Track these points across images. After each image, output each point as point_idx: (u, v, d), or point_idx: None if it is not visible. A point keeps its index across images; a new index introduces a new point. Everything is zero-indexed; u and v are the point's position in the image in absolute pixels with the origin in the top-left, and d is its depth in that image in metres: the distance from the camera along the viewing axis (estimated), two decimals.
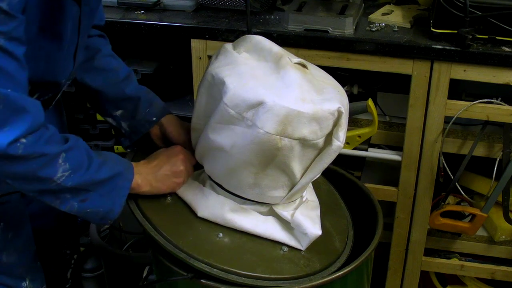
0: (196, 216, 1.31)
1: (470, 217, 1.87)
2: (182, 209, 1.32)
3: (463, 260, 1.99)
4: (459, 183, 1.84)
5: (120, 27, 1.82)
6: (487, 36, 1.64)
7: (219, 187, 1.31)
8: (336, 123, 1.19)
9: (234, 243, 1.28)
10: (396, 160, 1.85)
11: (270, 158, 1.19)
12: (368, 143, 1.86)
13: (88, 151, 1.18)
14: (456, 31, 1.62)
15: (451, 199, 1.95)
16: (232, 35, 1.75)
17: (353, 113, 1.83)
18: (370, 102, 1.77)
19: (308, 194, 1.38)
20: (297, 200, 1.33)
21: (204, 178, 1.35)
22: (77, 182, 1.14)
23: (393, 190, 1.88)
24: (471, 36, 1.61)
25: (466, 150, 1.79)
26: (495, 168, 1.78)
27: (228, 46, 1.29)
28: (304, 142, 1.18)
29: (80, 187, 1.15)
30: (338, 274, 1.25)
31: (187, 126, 1.41)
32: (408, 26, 1.77)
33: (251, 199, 1.29)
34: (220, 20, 1.81)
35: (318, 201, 1.40)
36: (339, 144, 1.20)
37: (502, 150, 1.76)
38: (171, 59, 2.10)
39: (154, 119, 1.47)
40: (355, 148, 1.85)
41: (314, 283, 1.23)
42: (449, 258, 1.99)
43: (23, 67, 1.07)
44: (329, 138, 1.21)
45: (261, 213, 1.31)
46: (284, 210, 1.31)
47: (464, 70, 1.66)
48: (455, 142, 1.81)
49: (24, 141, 1.05)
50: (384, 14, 1.83)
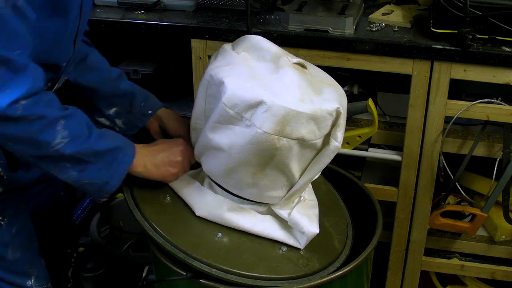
0: (195, 216, 1.31)
1: (470, 217, 1.87)
2: (181, 209, 1.32)
3: (463, 260, 1.98)
4: (459, 183, 1.84)
5: (120, 27, 1.82)
6: (487, 36, 1.64)
7: (217, 186, 1.31)
8: (334, 124, 1.19)
9: (233, 243, 1.28)
10: (396, 160, 1.85)
11: (269, 158, 1.19)
12: (368, 143, 1.86)
13: (88, 122, 1.19)
14: (456, 31, 1.62)
15: (451, 199, 1.95)
16: (232, 35, 1.75)
17: (353, 113, 1.83)
18: (370, 102, 1.77)
19: (307, 194, 1.38)
20: (295, 200, 1.33)
21: (203, 177, 1.35)
22: (75, 150, 1.15)
23: (393, 190, 1.88)
24: (471, 36, 1.60)
25: (466, 150, 1.79)
26: (495, 168, 1.78)
27: (227, 46, 1.29)
28: (302, 142, 1.18)
29: (79, 155, 1.16)
30: (337, 274, 1.25)
31: (186, 120, 1.42)
32: (408, 26, 1.77)
33: (250, 199, 1.29)
34: (220, 20, 1.81)
35: (316, 200, 1.40)
36: (336, 144, 1.21)
37: (502, 150, 1.76)
38: (171, 59, 2.10)
39: (150, 112, 1.48)
40: (355, 148, 1.85)
41: (313, 283, 1.23)
42: (449, 258, 1.99)
43: (32, 32, 1.08)
44: (327, 138, 1.21)
45: (259, 212, 1.32)
46: (281, 209, 1.31)
47: (464, 70, 1.66)
48: (455, 142, 1.81)
49: (24, 102, 1.07)
50: (384, 14, 1.83)
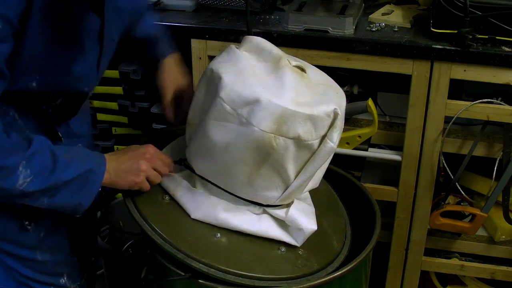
0: None
1: (470, 217, 1.86)
2: (180, 209, 1.32)
3: (463, 260, 1.98)
4: (459, 183, 1.84)
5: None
6: (487, 36, 1.63)
7: (212, 185, 1.30)
8: (331, 124, 1.19)
9: (231, 243, 1.28)
10: (396, 160, 1.85)
11: (264, 157, 1.19)
12: (368, 143, 1.86)
13: (52, 152, 1.17)
14: (456, 31, 1.62)
15: (451, 199, 1.94)
16: (232, 35, 1.75)
17: (353, 113, 1.83)
18: (370, 102, 1.76)
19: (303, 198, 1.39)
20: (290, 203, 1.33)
21: (194, 178, 1.34)
22: (40, 187, 1.15)
23: (393, 190, 1.87)
24: (471, 36, 1.60)
25: (466, 150, 1.78)
26: (495, 168, 1.78)
27: (233, 46, 1.29)
28: (298, 143, 1.18)
29: (44, 189, 1.16)
30: (336, 274, 1.25)
31: (185, 71, 1.45)
32: (408, 26, 1.77)
33: (245, 198, 1.29)
34: (220, 20, 1.81)
35: (312, 204, 1.39)
36: (332, 145, 1.20)
37: (502, 150, 1.76)
38: None
39: (160, 58, 1.49)
40: (355, 148, 1.85)
41: (312, 283, 1.23)
42: (449, 258, 1.99)
43: (30, 75, 1.10)
44: (324, 140, 1.21)
45: (255, 213, 1.31)
46: (277, 209, 1.31)
47: (464, 70, 1.66)
48: (455, 142, 1.81)
49: None
50: (384, 14, 1.82)
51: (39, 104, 1.25)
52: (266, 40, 1.30)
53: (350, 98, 1.90)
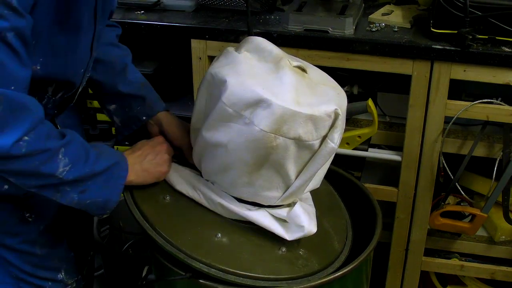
0: (195, 216, 1.31)
1: (470, 217, 1.86)
2: (181, 209, 1.32)
3: (463, 260, 1.98)
4: (459, 183, 1.84)
5: (120, 27, 1.82)
6: (487, 36, 1.64)
7: (213, 186, 1.31)
8: (332, 125, 1.19)
9: (232, 243, 1.28)
10: (396, 160, 1.85)
11: (265, 157, 1.19)
12: (368, 143, 1.86)
13: (83, 144, 1.20)
14: (456, 31, 1.62)
15: (451, 199, 1.95)
16: (232, 35, 1.75)
17: (353, 113, 1.83)
18: (370, 102, 1.77)
19: (304, 199, 1.39)
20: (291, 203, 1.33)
21: (196, 180, 1.36)
22: (77, 174, 1.16)
23: (393, 190, 1.88)
24: (471, 36, 1.60)
25: (466, 150, 1.79)
26: (495, 168, 1.78)
27: (230, 48, 1.29)
28: (299, 143, 1.18)
29: (80, 179, 1.17)
30: (336, 275, 1.25)
31: (187, 125, 1.42)
32: (408, 26, 1.77)
33: (245, 198, 1.29)
34: (220, 20, 1.81)
35: (314, 206, 1.39)
36: (332, 146, 1.20)
37: (502, 150, 1.76)
38: (171, 59, 2.10)
39: (144, 118, 1.48)
40: (355, 148, 1.85)
41: (313, 284, 1.23)
42: (449, 258, 1.99)
43: (25, 65, 1.08)
44: (324, 140, 1.21)
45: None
46: (278, 209, 1.31)
47: (464, 70, 1.66)
48: (455, 142, 1.81)
49: (27, 139, 1.07)
50: (384, 14, 1.83)
51: (40, 100, 1.25)
52: (267, 41, 1.29)
53: (350, 98, 1.89)
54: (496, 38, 1.63)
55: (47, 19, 1.13)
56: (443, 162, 1.78)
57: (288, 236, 1.29)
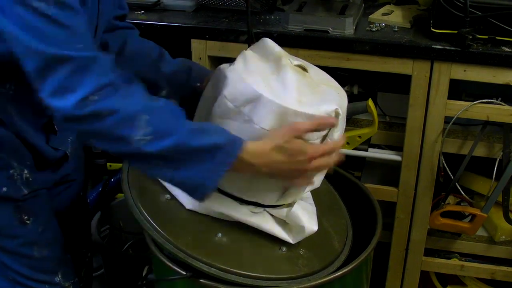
0: (195, 215, 1.31)
1: (470, 217, 1.86)
2: (181, 208, 1.32)
3: (463, 260, 1.98)
4: (459, 183, 1.84)
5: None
6: (487, 36, 1.64)
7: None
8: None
9: (233, 242, 1.28)
10: (396, 160, 1.85)
11: None
12: (368, 143, 1.86)
13: (179, 114, 1.12)
14: (456, 31, 1.62)
15: (451, 199, 1.95)
16: (232, 35, 1.75)
17: (353, 113, 1.83)
18: (370, 102, 1.77)
19: (304, 198, 1.39)
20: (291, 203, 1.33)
21: None
22: (161, 147, 1.07)
23: (393, 190, 1.88)
24: (471, 36, 1.60)
25: (466, 150, 1.79)
26: (495, 168, 1.78)
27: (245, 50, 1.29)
28: None
29: (168, 153, 1.08)
30: (337, 274, 1.25)
31: None
32: (408, 26, 1.77)
33: (246, 198, 1.29)
34: (220, 20, 1.81)
35: (314, 205, 1.39)
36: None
37: (502, 150, 1.76)
38: None
39: (198, 84, 1.43)
40: (355, 148, 1.85)
41: (313, 283, 1.23)
42: (449, 258, 1.99)
43: (86, 23, 1.07)
44: (324, 140, 1.21)
45: (254, 212, 1.31)
46: (278, 209, 1.31)
47: (464, 70, 1.66)
48: (455, 142, 1.81)
49: (95, 98, 1.03)
50: (384, 14, 1.83)
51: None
52: (272, 41, 1.30)
53: (350, 98, 1.88)
54: (496, 38, 1.63)
55: None
56: (443, 162, 1.78)
57: (292, 239, 1.29)
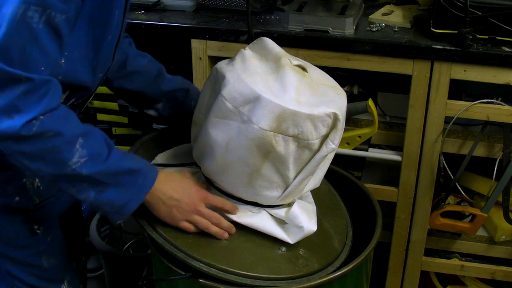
0: None
1: (470, 217, 1.86)
2: None
3: (463, 260, 1.98)
4: (459, 183, 1.84)
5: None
6: (487, 36, 1.64)
7: (213, 188, 1.31)
8: (332, 126, 1.19)
9: (232, 242, 1.28)
10: (396, 160, 1.85)
11: (264, 156, 1.19)
12: (368, 143, 1.86)
13: (107, 140, 1.16)
14: (456, 31, 1.62)
15: (451, 199, 1.95)
16: (232, 35, 1.75)
17: (353, 113, 1.83)
18: (370, 102, 1.77)
19: (304, 197, 1.39)
20: (291, 202, 1.33)
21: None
22: (94, 170, 1.11)
23: (393, 190, 1.88)
24: (471, 36, 1.60)
25: (466, 150, 1.78)
26: (495, 168, 1.78)
27: (243, 49, 1.30)
28: (298, 142, 1.18)
29: (98, 176, 1.12)
30: (336, 274, 1.25)
31: None
32: (408, 26, 1.77)
33: (245, 198, 1.29)
34: (220, 20, 1.81)
35: (314, 203, 1.39)
36: (333, 146, 1.21)
37: (502, 150, 1.76)
38: (171, 59, 2.10)
39: (193, 103, 1.49)
40: (355, 148, 1.85)
41: (313, 283, 1.23)
42: (449, 258, 1.99)
43: (63, 49, 1.08)
44: (324, 141, 1.21)
45: (253, 213, 1.31)
46: (277, 209, 1.31)
47: (464, 70, 1.66)
48: (455, 142, 1.81)
49: (41, 118, 1.04)
50: (384, 14, 1.83)
51: None
52: (271, 40, 1.30)
53: (350, 98, 1.89)
54: (496, 38, 1.63)
55: (84, 8, 1.12)
56: (443, 162, 1.78)
57: (291, 239, 1.29)
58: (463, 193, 1.86)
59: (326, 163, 1.31)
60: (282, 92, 1.16)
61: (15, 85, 1.02)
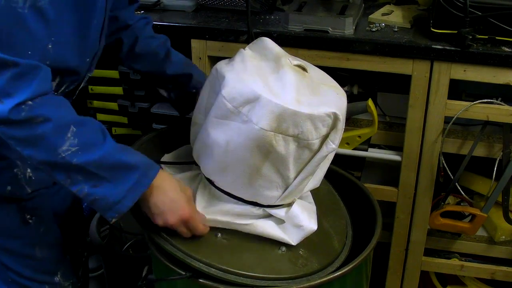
0: None
1: (470, 217, 1.86)
2: None
3: (463, 260, 1.98)
4: (459, 183, 1.84)
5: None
6: (487, 36, 1.64)
7: (213, 188, 1.31)
8: (332, 126, 1.19)
9: (232, 242, 1.28)
10: (396, 160, 1.85)
11: (264, 156, 1.19)
12: (368, 143, 1.86)
13: (104, 132, 1.15)
14: (456, 31, 1.62)
15: (451, 199, 1.95)
16: (232, 35, 1.75)
17: (353, 113, 1.83)
18: (370, 102, 1.77)
19: (304, 197, 1.39)
20: (291, 202, 1.33)
21: (199, 181, 1.35)
22: (84, 160, 1.10)
23: (393, 190, 1.88)
24: (471, 36, 1.60)
25: (466, 150, 1.78)
26: (495, 168, 1.78)
27: (242, 49, 1.30)
28: (298, 142, 1.18)
29: (89, 167, 1.10)
30: (336, 274, 1.25)
31: None
32: (408, 26, 1.77)
33: (245, 198, 1.29)
34: (220, 20, 1.81)
35: (314, 204, 1.39)
36: (333, 146, 1.21)
37: (502, 150, 1.76)
38: None
39: (194, 91, 1.52)
40: (355, 148, 1.85)
41: (312, 283, 1.23)
42: (449, 258, 1.99)
43: (50, 33, 1.08)
44: (324, 141, 1.21)
45: (254, 214, 1.31)
46: (277, 209, 1.31)
47: (464, 70, 1.66)
48: (455, 142, 1.81)
49: (30, 103, 1.04)
50: (384, 14, 1.83)
51: None
52: (272, 41, 1.30)
53: (350, 98, 1.89)
54: (496, 38, 1.63)
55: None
56: (443, 162, 1.78)
57: (291, 240, 1.29)
58: (463, 193, 1.86)
59: (326, 163, 1.31)
60: (282, 92, 1.16)
61: (3, 69, 1.02)
